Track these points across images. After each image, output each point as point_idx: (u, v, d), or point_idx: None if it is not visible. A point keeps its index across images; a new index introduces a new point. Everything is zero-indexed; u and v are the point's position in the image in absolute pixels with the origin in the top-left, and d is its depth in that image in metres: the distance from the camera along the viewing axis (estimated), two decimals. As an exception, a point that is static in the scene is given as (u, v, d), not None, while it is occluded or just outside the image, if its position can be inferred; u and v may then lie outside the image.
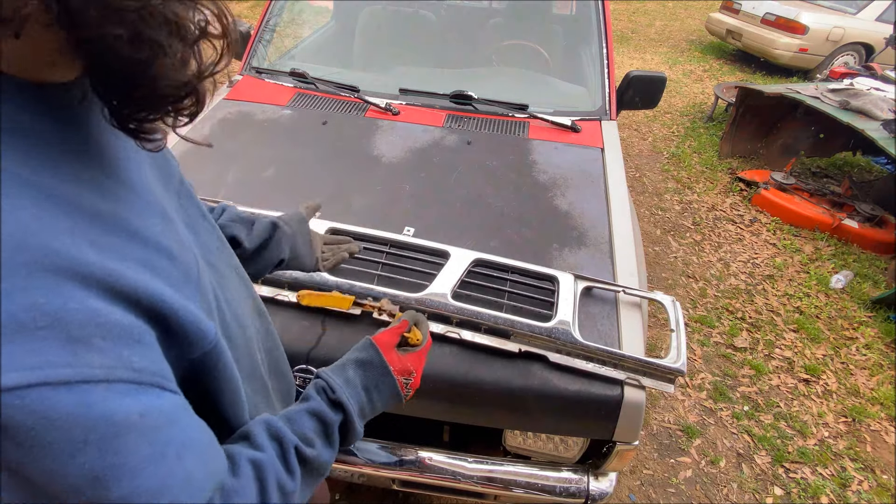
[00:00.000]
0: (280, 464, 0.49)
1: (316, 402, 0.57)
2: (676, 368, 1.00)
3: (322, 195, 1.41)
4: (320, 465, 0.54)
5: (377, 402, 0.63)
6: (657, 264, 3.05)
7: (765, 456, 2.02)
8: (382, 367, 0.64)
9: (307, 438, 0.53)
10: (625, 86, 2.04)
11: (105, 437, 0.31)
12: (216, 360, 0.44)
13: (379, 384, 0.63)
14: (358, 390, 0.61)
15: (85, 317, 0.30)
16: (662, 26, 8.60)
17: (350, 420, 0.58)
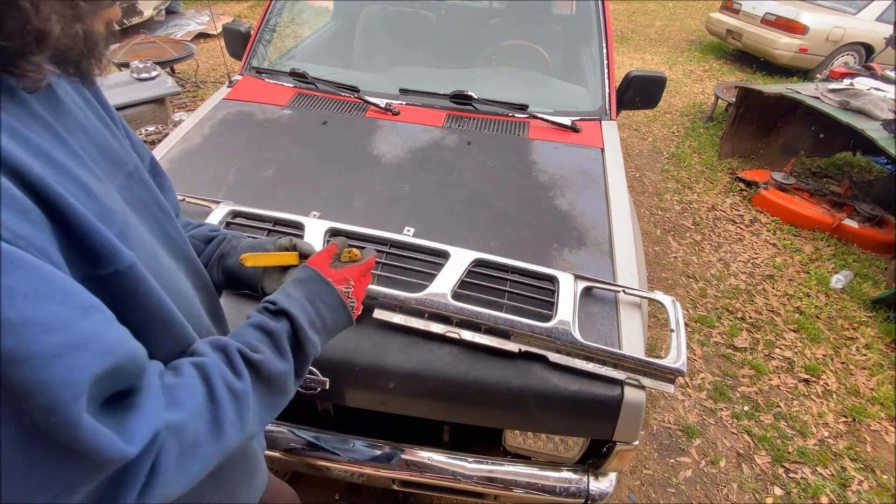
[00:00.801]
0: (226, 367, 0.51)
1: (256, 316, 0.59)
2: (676, 368, 1.00)
3: (322, 195, 1.41)
4: (274, 374, 0.55)
5: (325, 313, 0.64)
6: (657, 264, 3.05)
7: (765, 456, 2.02)
8: (319, 278, 0.65)
9: (251, 345, 0.55)
10: (625, 86, 2.04)
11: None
12: (135, 283, 0.46)
13: (321, 294, 0.64)
14: (302, 302, 0.62)
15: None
16: (662, 26, 8.60)
17: (299, 327, 0.59)
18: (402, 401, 1.07)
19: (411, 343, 1.06)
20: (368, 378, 1.04)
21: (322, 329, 0.64)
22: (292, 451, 1.22)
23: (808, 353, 2.51)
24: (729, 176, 4.06)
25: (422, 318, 1.07)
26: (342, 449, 1.22)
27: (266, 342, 0.57)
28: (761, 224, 3.49)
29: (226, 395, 0.49)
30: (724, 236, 3.36)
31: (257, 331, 0.57)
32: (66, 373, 0.35)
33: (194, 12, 6.93)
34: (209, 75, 5.18)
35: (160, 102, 3.55)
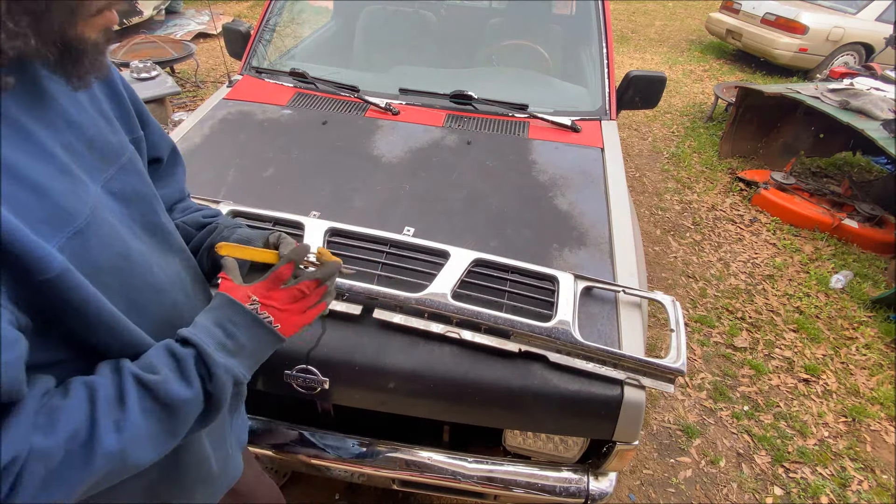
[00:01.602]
0: (114, 389, 0.51)
1: (167, 342, 0.59)
2: (676, 368, 1.00)
3: (322, 195, 1.41)
4: (172, 398, 0.53)
5: (238, 333, 0.62)
6: (657, 264, 3.05)
7: (765, 456, 2.02)
8: (228, 301, 0.63)
9: (150, 366, 0.55)
10: (625, 86, 2.04)
11: None
12: (68, 291, 0.47)
13: (230, 315, 0.62)
14: (208, 327, 0.61)
15: None
16: (662, 26, 8.60)
17: (204, 351, 0.57)
18: (402, 401, 1.07)
19: (411, 343, 1.06)
20: (368, 378, 1.04)
21: (238, 350, 0.61)
22: (292, 451, 1.22)
23: (808, 353, 2.51)
24: (729, 176, 4.06)
25: (422, 318, 1.07)
26: (342, 449, 1.22)
27: (169, 365, 0.56)
28: (761, 224, 3.49)
29: (106, 417, 0.49)
30: (724, 236, 3.36)
31: (164, 353, 0.57)
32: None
33: (194, 12, 6.93)
34: (209, 75, 5.18)
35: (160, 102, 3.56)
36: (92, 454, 0.47)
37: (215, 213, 0.85)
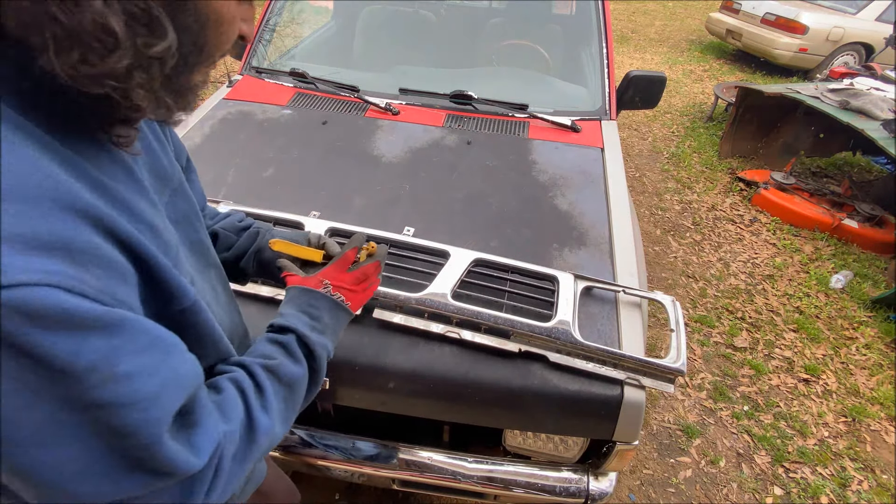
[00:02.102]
0: (249, 379, 0.57)
1: (266, 335, 0.66)
2: (676, 368, 1.00)
3: (322, 195, 1.41)
4: (290, 377, 0.61)
5: (324, 316, 0.70)
6: (657, 264, 3.05)
7: (765, 456, 2.02)
8: (302, 290, 0.72)
9: (267, 355, 0.62)
10: (625, 86, 2.04)
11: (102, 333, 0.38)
12: (196, 316, 0.52)
13: (310, 301, 0.71)
14: (296, 314, 0.68)
15: (88, 247, 0.38)
16: (662, 26, 8.60)
17: (303, 334, 0.66)
18: (402, 401, 1.07)
19: (411, 343, 1.06)
20: (368, 378, 1.04)
21: (325, 329, 0.70)
22: (292, 450, 1.22)
23: (808, 352, 2.51)
24: (729, 176, 4.06)
25: (422, 317, 1.07)
26: (342, 449, 1.22)
27: (279, 352, 0.63)
28: (761, 224, 3.49)
29: (255, 402, 0.56)
30: (723, 236, 3.36)
31: (270, 344, 0.64)
32: (160, 411, 0.42)
33: (194, 12, 6.92)
34: (209, 75, 5.17)
35: (160, 102, 3.55)
36: (255, 434, 0.54)
37: (243, 217, 0.90)
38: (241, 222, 0.88)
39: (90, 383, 0.37)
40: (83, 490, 0.40)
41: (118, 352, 0.39)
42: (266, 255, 0.83)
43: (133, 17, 0.37)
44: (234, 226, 0.87)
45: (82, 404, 0.37)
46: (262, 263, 0.84)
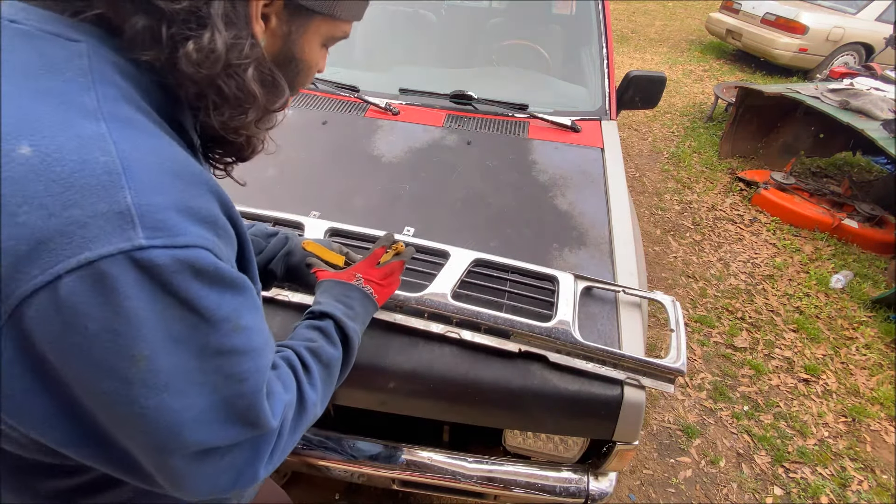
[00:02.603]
0: (297, 359, 0.64)
1: (306, 322, 0.74)
2: (676, 368, 1.00)
3: (322, 195, 1.41)
4: (328, 358, 0.68)
5: (354, 305, 0.78)
6: (657, 264, 3.05)
7: (765, 456, 2.02)
8: (336, 283, 0.81)
9: (309, 338, 0.69)
10: (625, 86, 2.04)
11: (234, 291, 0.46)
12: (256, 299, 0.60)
13: (344, 292, 0.79)
14: (333, 303, 0.76)
15: (222, 223, 0.47)
16: (662, 26, 8.60)
17: (340, 319, 0.73)
18: (402, 401, 1.07)
19: (411, 343, 1.06)
20: (368, 378, 1.04)
21: (356, 317, 0.77)
22: (293, 450, 1.22)
23: (808, 353, 2.51)
24: (729, 176, 4.06)
25: (422, 317, 1.07)
26: (342, 449, 1.22)
27: (319, 336, 0.70)
28: (761, 224, 3.49)
29: (304, 378, 0.62)
30: (723, 236, 3.36)
31: (311, 329, 0.72)
32: (264, 362, 0.52)
33: (194, 12, 6.92)
34: (209, 75, 5.17)
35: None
36: (305, 407, 0.61)
37: (269, 226, 0.97)
38: (268, 229, 0.95)
39: (223, 332, 0.45)
40: (193, 437, 0.45)
41: (242, 307, 0.47)
42: (294, 259, 0.90)
43: (263, 82, 0.50)
44: (264, 232, 0.93)
45: (213, 350, 0.44)
46: (290, 267, 0.90)
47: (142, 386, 0.40)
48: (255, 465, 0.52)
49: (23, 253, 0.36)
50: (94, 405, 0.41)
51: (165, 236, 0.39)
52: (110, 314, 0.38)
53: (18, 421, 0.42)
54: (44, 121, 0.38)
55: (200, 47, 0.44)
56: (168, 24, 0.43)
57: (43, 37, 0.41)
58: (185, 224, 0.41)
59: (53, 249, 0.36)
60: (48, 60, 0.41)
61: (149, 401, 0.41)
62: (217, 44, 0.44)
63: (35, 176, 0.36)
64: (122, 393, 0.40)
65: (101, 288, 0.37)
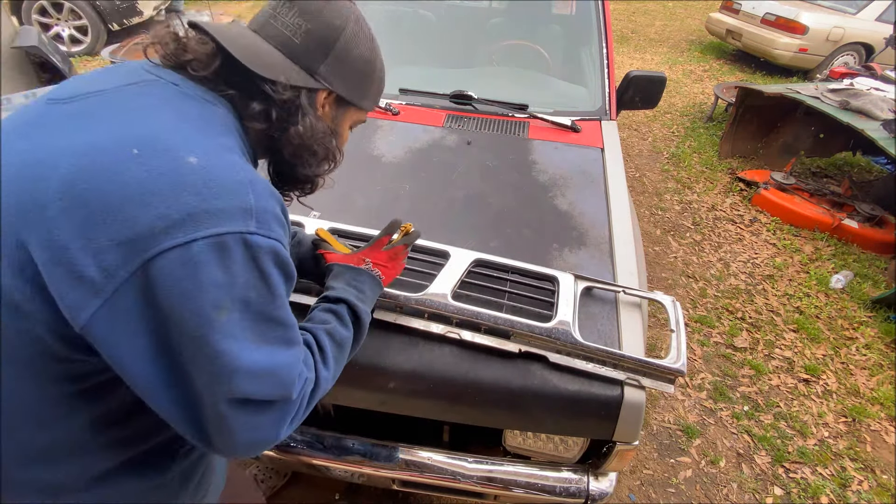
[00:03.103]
0: (314, 340, 0.74)
1: (323, 305, 0.83)
2: (676, 369, 1.00)
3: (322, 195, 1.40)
4: (340, 338, 0.78)
5: (364, 288, 0.87)
6: (657, 264, 3.05)
7: (765, 456, 2.02)
8: (347, 267, 0.89)
9: (324, 320, 0.79)
10: (625, 86, 2.04)
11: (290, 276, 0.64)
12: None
13: (355, 276, 0.88)
14: (346, 288, 0.85)
15: (287, 229, 0.65)
16: (662, 26, 8.60)
17: (353, 304, 0.82)
18: (402, 401, 1.07)
19: (411, 343, 1.06)
20: (368, 378, 1.04)
21: (367, 299, 0.86)
22: (292, 450, 1.22)
23: (808, 353, 2.51)
24: (729, 176, 4.06)
25: (422, 318, 1.07)
26: (342, 449, 1.22)
27: (333, 318, 0.79)
28: (761, 224, 3.49)
29: (319, 359, 0.72)
30: (724, 236, 3.36)
31: (326, 312, 0.81)
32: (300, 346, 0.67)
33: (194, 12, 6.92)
34: (209, 75, 5.17)
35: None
36: (319, 383, 0.70)
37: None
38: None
39: (277, 304, 0.60)
40: (242, 383, 0.57)
41: (290, 291, 0.65)
42: (303, 250, 0.99)
43: (326, 153, 0.76)
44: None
45: (270, 317, 0.60)
46: (300, 257, 0.98)
47: (219, 331, 0.54)
48: (279, 426, 0.62)
49: (176, 220, 0.52)
50: (182, 343, 0.54)
51: (266, 229, 0.58)
52: (221, 272, 0.54)
53: (115, 359, 0.55)
54: (203, 145, 0.58)
55: (305, 126, 0.70)
56: (277, 108, 0.68)
57: (198, 99, 0.64)
58: (275, 224, 0.60)
59: (198, 222, 0.53)
60: (201, 112, 0.63)
61: (220, 344, 0.54)
62: (313, 122, 0.70)
63: (197, 176, 0.54)
64: (206, 335, 0.54)
65: (220, 252, 0.54)
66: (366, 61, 0.75)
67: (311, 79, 0.70)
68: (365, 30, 0.75)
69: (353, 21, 0.73)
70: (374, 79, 0.79)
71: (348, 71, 0.73)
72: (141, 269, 0.51)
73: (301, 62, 0.69)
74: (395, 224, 0.96)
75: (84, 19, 5.27)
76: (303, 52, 0.69)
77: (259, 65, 0.65)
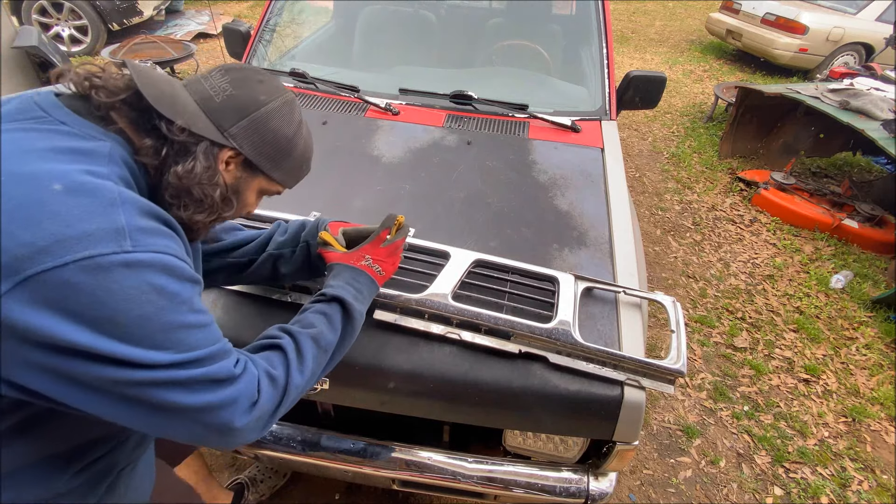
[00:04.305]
0: (293, 346, 0.76)
1: (317, 306, 0.84)
2: (676, 369, 1.00)
3: (322, 195, 1.41)
4: (325, 342, 0.80)
5: (362, 288, 0.89)
6: (657, 264, 3.05)
7: (765, 456, 2.02)
8: (346, 266, 0.91)
9: (310, 323, 0.81)
10: (625, 86, 2.04)
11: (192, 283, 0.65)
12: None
13: (353, 275, 0.90)
14: (344, 287, 0.87)
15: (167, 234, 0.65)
16: (662, 26, 8.60)
17: (349, 303, 0.85)
18: (402, 401, 1.07)
19: (411, 343, 1.06)
20: (368, 378, 1.04)
21: (363, 298, 0.89)
22: (292, 450, 1.22)
23: (808, 353, 2.51)
24: (729, 176, 4.06)
25: (422, 318, 1.07)
26: (342, 449, 1.22)
27: (322, 321, 0.81)
28: (761, 224, 3.49)
29: (297, 365, 0.74)
30: (724, 236, 3.36)
31: (316, 314, 0.82)
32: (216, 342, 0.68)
33: (194, 12, 6.93)
34: (209, 75, 5.17)
35: (160, 102, 3.55)
36: (289, 388, 0.73)
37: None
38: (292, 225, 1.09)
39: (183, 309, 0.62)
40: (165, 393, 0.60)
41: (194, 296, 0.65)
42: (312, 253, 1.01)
43: (222, 198, 0.73)
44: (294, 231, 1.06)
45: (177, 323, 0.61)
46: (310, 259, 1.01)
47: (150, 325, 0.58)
48: (230, 413, 0.65)
49: (41, 247, 0.52)
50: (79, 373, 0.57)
51: (144, 245, 0.59)
52: (102, 292, 0.55)
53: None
54: (69, 173, 0.58)
55: (185, 168, 0.68)
56: (168, 148, 0.68)
57: (82, 136, 0.64)
58: (156, 238, 0.61)
59: (66, 247, 0.53)
60: (80, 146, 0.62)
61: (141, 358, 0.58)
62: (196, 168, 0.68)
63: (61, 203, 0.55)
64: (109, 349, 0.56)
65: (97, 273, 0.54)
66: (286, 138, 0.76)
67: (217, 133, 0.70)
68: (295, 115, 0.78)
69: (283, 103, 0.76)
70: (293, 157, 0.79)
71: (261, 139, 0.74)
72: (11, 291, 0.52)
73: (213, 117, 0.70)
74: (390, 219, 0.98)
75: (84, 19, 5.27)
76: (218, 109, 0.71)
77: (162, 104, 0.66)
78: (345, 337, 0.85)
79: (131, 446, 0.82)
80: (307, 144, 0.83)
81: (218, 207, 0.73)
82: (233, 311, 1.11)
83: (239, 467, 1.75)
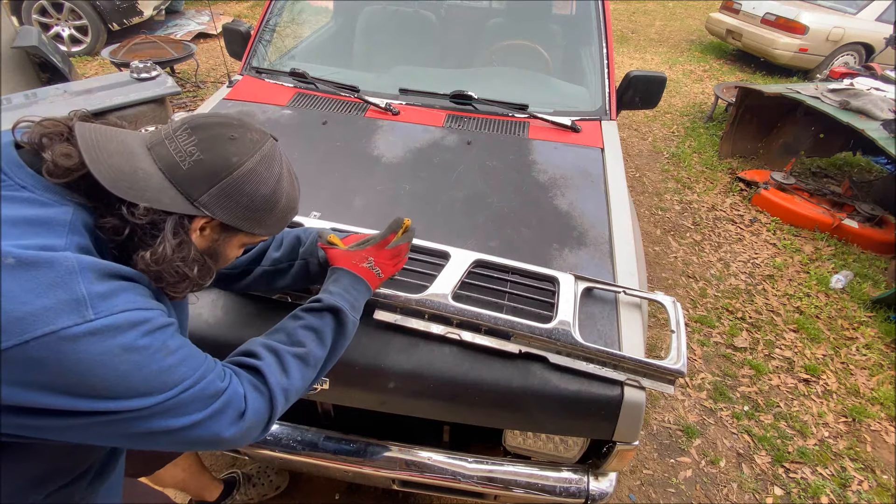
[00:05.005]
0: (277, 365, 0.76)
1: (307, 319, 0.83)
2: (676, 370, 1.00)
3: (322, 195, 1.41)
4: (313, 359, 0.81)
5: (358, 295, 0.90)
6: (657, 264, 3.05)
7: (765, 456, 2.02)
8: (346, 271, 0.92)
9: (299, 342, 0.80)
10: (625, 86, 2.04)
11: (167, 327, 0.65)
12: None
13: (351, 282, 0.91)
14: (342, 294, 0.87)
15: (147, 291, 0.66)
16: (662, 26, 8.60)
17: (345, 311, 0.85)
18: (402, 401, 1.07)
19: (411, 343, 1.06)
20: (368, 378, 1.04)
21: (358, 307, 0.89)
22: (293, 450, 1.22)
23: (808, 353, 2.51)
24: (729, 176, 4.06)
25: (422, 318, 1.07)
26: (342, 449, 1.22)
27: (310, 337, 0.81)
28: (761, 224, 3.49)
29: (279, 388, 0.75)
30: (724, 236, 3.36)
31: (306, 330, 0.82)
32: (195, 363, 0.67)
33: (194, 12, 6.93)
34: (209, 75, 5.18)
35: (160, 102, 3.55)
36: (274, 411, 0.74)
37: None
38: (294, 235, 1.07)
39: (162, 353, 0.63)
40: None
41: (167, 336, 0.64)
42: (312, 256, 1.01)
43: (199, 268, 0.70)
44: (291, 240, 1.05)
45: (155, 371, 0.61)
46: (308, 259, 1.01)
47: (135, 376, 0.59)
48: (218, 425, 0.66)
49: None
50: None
51: (108, 309, 0.58)
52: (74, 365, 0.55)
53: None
54: (28, 246, 0.56)
55: (154, 254, 0.65)
56: (131, 231, 0.65)
57: (42, 202, 0.62)
58: (119, 296, 0.60)
59: (24, 325, 0.52)
60: (38, 215, 0.60)
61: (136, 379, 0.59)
62: (166, 252, 0.65)
63: (13, 278, 0.54)
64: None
65: (64, 346, 0.54)
66: (263, 198, 0.72)
67: (187, 203, 0.66)
68: (273, 169, 0.73)
69: (258, 161, 0.71)
70: (274, 213, 0.75)
71: (235, 204, 0.70)
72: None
73: (181, 187, 0.66)
74: (397, 222, 0.97)
75: (84, 19, 5.27)
76: (186, 179, 0.66)
77: (119, 187, 0.62)
78: (335, 348, 0.84)
79: (88, 480, 0.79)
80: (289, 196, 0.77)
81: (196, 280, 0.70)
82: (233, 312, 1.11)
83: (239, 467, 1.75)
